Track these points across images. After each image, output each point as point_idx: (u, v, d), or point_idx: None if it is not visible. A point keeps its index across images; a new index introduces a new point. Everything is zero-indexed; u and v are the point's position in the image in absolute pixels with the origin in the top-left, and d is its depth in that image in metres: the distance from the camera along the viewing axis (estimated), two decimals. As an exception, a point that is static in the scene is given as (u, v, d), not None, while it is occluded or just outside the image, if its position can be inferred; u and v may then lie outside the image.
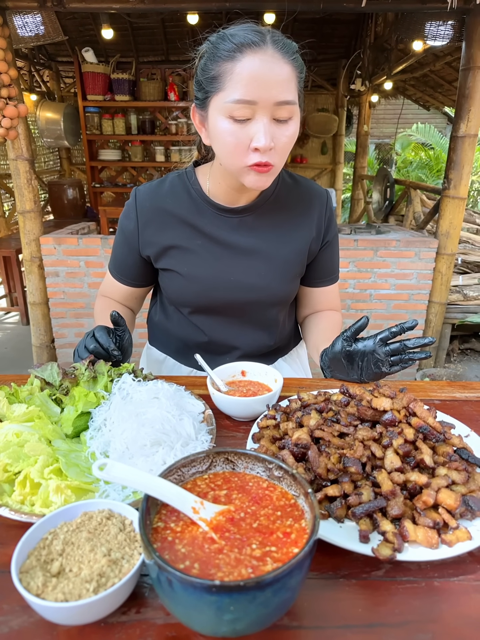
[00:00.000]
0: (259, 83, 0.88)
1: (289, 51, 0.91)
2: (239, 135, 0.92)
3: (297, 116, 0.97)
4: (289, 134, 0.95)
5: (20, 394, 0.90)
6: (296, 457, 0.76)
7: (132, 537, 0.61)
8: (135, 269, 1.24)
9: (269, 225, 1.16)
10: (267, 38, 0.89)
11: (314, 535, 0.51)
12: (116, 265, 1.26)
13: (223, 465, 0.66)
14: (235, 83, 0.89)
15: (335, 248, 1.28)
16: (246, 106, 0.89)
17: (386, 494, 0.68)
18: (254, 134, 0.91)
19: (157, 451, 0.77)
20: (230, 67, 0.89)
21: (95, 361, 0.97)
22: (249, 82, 0.88)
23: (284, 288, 1.21)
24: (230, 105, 0.90)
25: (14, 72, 3.10)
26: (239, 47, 0.88)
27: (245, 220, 1.15)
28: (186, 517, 0.58)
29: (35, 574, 0.55)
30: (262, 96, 0.88)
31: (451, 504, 0.67)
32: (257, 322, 1.24)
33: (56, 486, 0.68)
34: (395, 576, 0.64)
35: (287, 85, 0.90)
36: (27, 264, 3.57)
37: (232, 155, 0.96)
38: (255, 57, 0.88)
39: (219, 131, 0.95)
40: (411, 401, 0.80)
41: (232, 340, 1.25)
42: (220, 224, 1.14)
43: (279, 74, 0.89)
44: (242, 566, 0.51)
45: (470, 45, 3.09)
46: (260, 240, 1.16)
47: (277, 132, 0.93)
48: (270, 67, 0.88)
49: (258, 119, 0.91)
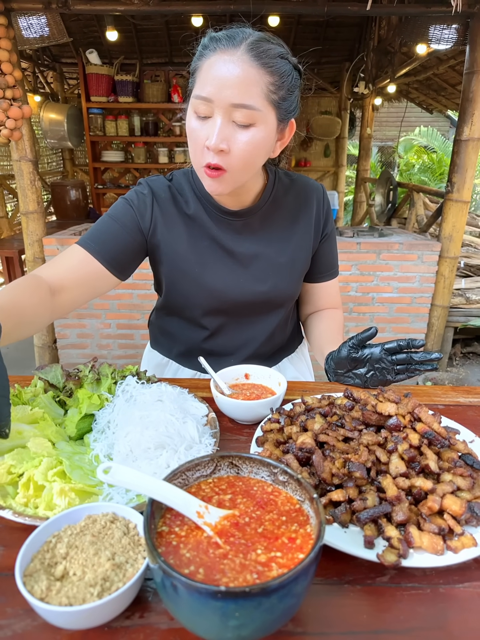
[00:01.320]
0: (216, 82, 0.88)
1: (264, 56, 0.89)
2: (198, 133, 0.94)
3: (263, 124, 0.93)
4: (247, 140, 0.92)
5: (24, 396, 0.89)
6: (300, 461, 0.76)
7: (136, 541, 0.61)
8: (119, 247, 1.08)
9: (272, 226, 1.17)
10: (246, 41, 0.89)
11: (319, 541, 0.51)
12: (97, 237, 1.07)
13: (227, 469, 0.65)
14: (201, 79, 0.91)
15: (334, 242, 1.29)
16: (204, 103, 0.90)
17: (391, 500, 0.68)
18: (208, 132, 0.92)
19: (161, 454, 0.76)
20: (201, 64, 0.92)
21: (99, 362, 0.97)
22: (207, 79, 0.90)
23: (291, 287, 1.22)
24: (194, 100, 0.92)
25: (18, 74, 3.11)
26: (212, 46, 0.91)
27: (248, 223, 1.15)
28: (190, 521, 0.58)
29: (39, 578, 0.55)
30: (217, 95, 0.89)
31: (456, 510, 0.66)
32: (263, 323, 1.24)
33: (60, 489, 0.68)
34: (400, 582, 0.64)
35: (245, 89, 0.88)
36: (30, 264, 3.58)
37: (193, 153, 0.97)
38: (221, 57, 0.89)
39: (188, 127, 0.97)
40: (416, 406, 0.80)
41: (238, 342, 1.25)
42: (224, 227, 1.14)
43: (237, 76, 0.87)
44: (247, 572, 0.51)
45: (474, 49, 3.09)
46: (265, 241, 1.16)
47: (234, 136, 0.92)
48: (230, 67, 0.88)
49: (214, 117, 0.91)
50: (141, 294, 3.52)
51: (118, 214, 1.10)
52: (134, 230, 1.10)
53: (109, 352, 3.70)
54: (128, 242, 1.09)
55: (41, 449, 0.77)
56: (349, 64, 6.13)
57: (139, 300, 3.54)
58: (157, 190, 1.13)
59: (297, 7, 3.33)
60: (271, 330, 1.26)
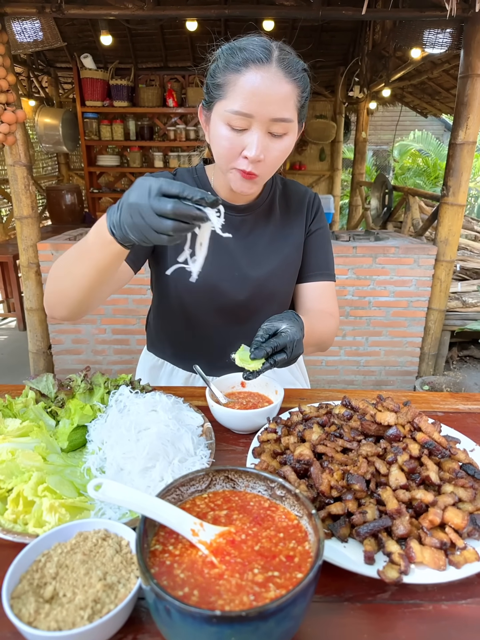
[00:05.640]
0: (257, 98, 0.92)
1: (293, 70, 0.95)
2: (233, 142, 0.97)
3: (294, 132, 1.01)
4: (282, 148, 1.00)
5: (14, 407, 0.87)
6: (298, 473, 0.74)
7: (128, 559, 0.59)
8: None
9: (268, 224, 1.22)
10: (274, 56, 0.93)
11: (318, 560, 0.49)
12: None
13: (223, 483, 0.63)
14: (237, 95, 0.94)
15: (325, 241, 1.30)
16: (243, 118, 0.94)
17: (391, 513, 0.66)
18: (247, 143, 0.96)
19: (155, 466, 0.74)
20: (234, 79, 0.94)
21: (91, 371, 0.95)
22: (248, 97, 0.92)
23: (285, 282, 1.25)
24: (230, 114, 0.95)
25: (12, 78, 3.09)
26: (245, 62, 0.93)
27: (246, 220, 1.19)
28: (185, 538, 0.56)
29: (28, 600, 0.53)
30: (259, 111, 0.93)
31: (458, 523, 0.65)
32: (257, 322, 1.22)
33: (50, 505, 0.65)
34: (401, 599, 0.62)
35: (284, 104, 0.94)
36: (24, 270, 3.55)
37: (224, 157, 1.01)
38: (258, 73, 0.92)
39: (217, 134, 1.00)
40: (416, 415, 0.78)
41: (233, 343, 1.23)
42: (224, 221, 1.14)
43: (277, 92, 0.93)
44: (243, 593, 0.49)
45: (469, 53, 3.09)
46: (261, 237, 1.20)
47: (270, 146, 0.98)
48: (270, 85, 0.92)
49: (253, 131, 0.95)
50: (137, 299, 3.49)
51: None
52: None
53: (104, 357, 3.67)
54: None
55: (32, 460, 0.75)
56: (343, 68, 6.13)
57: (134, 306, 3.51)
58: None
59: (291, 11, 3.32)
60: None
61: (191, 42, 5.49)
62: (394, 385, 3.73)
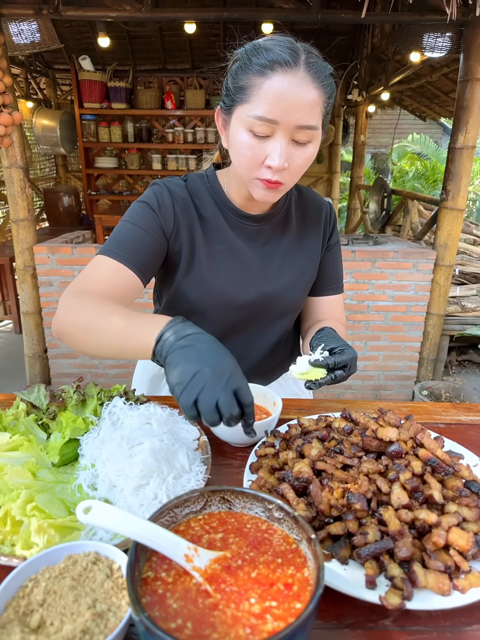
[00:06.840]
0: (283, 104, 0.87)
1: (321, 75, 0.89)
2: (255, 150, 0.92)
3: (317, 139, 0.96)
4: (306, 156, 0.94)
5: (4, 419, 0.85)
6: (297, 491, 0.71)
7: (119, 584, 0.56)
8: (146, 253, 1.03)
9: (284, 234, 1.17)
10: (301, 59, 0.87)
11: (318, 589, 0.47)
12: (124, 245, 1.00)
13: (219, 504, 0.61)
14: (261, 99, 0.88)
15: (339, 257, 1.28)
16: (267, 124, 0.88)
17: (393, 534, 0.63)
18: (270, 151, 0.91)
19: (148, 483, 0.72)
20: (259, 82, 0.88)
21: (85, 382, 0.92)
22: (273, 102, 0.87)
23: (298, 295, 1.21)
24: (252, 119, 0.89)
25: (8, 80, 3.06)
26: (271, 64, 0.86)
27: (262, 229, 1.14)
28: (178, 564, 0.53)
29: (13, 630, 0.50)
30: (285, 118, 0.87)
31: (463, 546, 0.62)
32: (266, 334, 1.21)
33: (38, 526, 0.63)
34: (404, 625, 0.59)
35: (311, 110, 0.89)
36: (20, 272, 3.51)
37: (245, 165, 0.96)
38: (285, 77, 0.86)
39: (237, 141, 0.94)
40: (418, 431, 0.76)
41: (241, 353, 1.20)
42: (239, 231, 1.13)
43: (305, 99, 0.87)
44: (239, 625, 0.47)
45: (469, 57, 3.08)
46: (277, 248, 1.16)
47: (294, 154, 0.93)
48: (297, 90, 0.86)
49: (277, 138, 0.90)
50: (135, 304, 3.46)
51: (139, 218, 1.05)
52: (158, 234, 1.05)
53: (100, 361, 3.64)
54: (154, 246, 1.05)
55: (21, 477, 0.72)
56: (342, 71, 6.12)
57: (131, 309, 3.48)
58: (174, 190, 1.09)
59: (290, 14, 3.31)
60: (274, 342, 1.23)
61: (190, 45, 5.47)
62: (392, 390, 3.71)
